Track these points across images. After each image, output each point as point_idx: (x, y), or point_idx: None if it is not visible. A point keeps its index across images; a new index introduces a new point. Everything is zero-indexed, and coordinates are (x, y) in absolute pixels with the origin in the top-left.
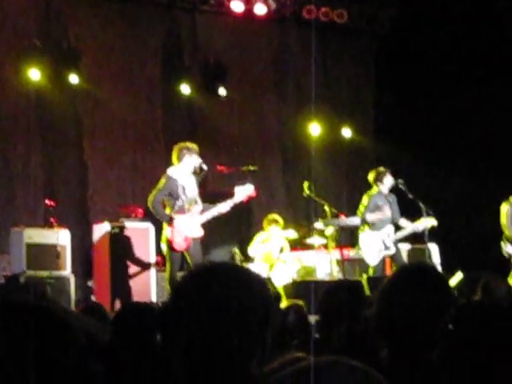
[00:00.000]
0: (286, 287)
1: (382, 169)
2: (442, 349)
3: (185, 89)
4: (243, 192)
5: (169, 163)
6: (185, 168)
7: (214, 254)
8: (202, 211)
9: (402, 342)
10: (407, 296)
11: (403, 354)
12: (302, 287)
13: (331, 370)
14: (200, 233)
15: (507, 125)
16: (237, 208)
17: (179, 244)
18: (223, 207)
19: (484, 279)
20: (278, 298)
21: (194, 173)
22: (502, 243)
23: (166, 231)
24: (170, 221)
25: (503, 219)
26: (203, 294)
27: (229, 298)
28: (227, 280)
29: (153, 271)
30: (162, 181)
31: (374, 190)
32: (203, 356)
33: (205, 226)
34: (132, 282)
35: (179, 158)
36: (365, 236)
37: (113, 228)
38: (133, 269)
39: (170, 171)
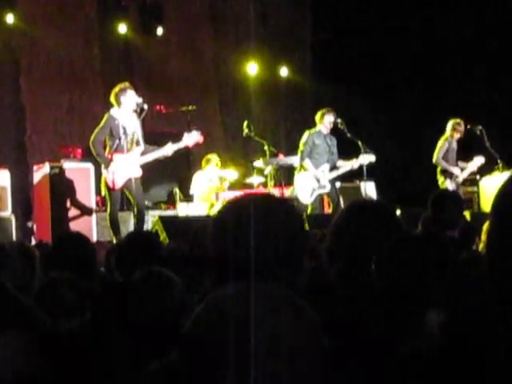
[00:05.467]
0: None
1: (325, 109)
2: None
3: (122, 28)
4: (190, 138)
5: (106, 103)
6: (125, 109)
7: (154, 193)
8: (144, 153)
9: (354, 271)
10: (360, 228)
11: (353, 280)
12: None
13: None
14: (138, 173)
15: (443, 59)
16: (179, 151)
17: (116, 182)
18: (166, 151)
19: (425, 215)
20: None
21: (136, 111)
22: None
23: (104, 172)
24: (108, 162)
25: (436, 150)
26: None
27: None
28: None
29: (93, 211)
30: (104, 119)
31: (316, 128)
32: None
33: (144, 165)
34: (72, 223)
35: (117, 101)
36: (300, 176)
37: (52, 168)
38: (73, 209)
39: (113, 111)
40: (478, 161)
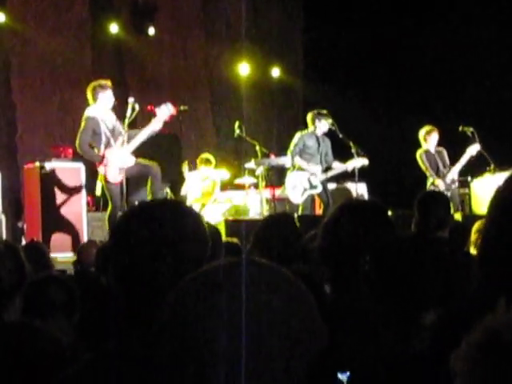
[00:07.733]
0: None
1: (322, 110)
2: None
3: (113, 28)
4: (164, 112)
5: None
6: (102, 105)
7: (145, 193)
8: (129, 139)
9: (345, 273)
10: (352, 227)
11: (346, 284)
12: (233, 226)
13: (239, 267)
14: (132, 160)
15: (439, 61)
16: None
17: (115, 177)
18: (149, 129)
19: (416, 216)
20: (218, 233)
21: (113, 109)
22: (428, 182)
23: (100, 169)
24: (101, 159)
25: (422, 166)
26: (147, 228)
27: (169, 230)
28: (169, 214)
29: (84, 211)
30: (83, 123)
31: (308, 129)
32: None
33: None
34: (63, 223)
35: (94, 97)
36: (291, 176)
37: (43, 168)
38: (64, 209)
39: (88, 111)
40: (473, 149)
